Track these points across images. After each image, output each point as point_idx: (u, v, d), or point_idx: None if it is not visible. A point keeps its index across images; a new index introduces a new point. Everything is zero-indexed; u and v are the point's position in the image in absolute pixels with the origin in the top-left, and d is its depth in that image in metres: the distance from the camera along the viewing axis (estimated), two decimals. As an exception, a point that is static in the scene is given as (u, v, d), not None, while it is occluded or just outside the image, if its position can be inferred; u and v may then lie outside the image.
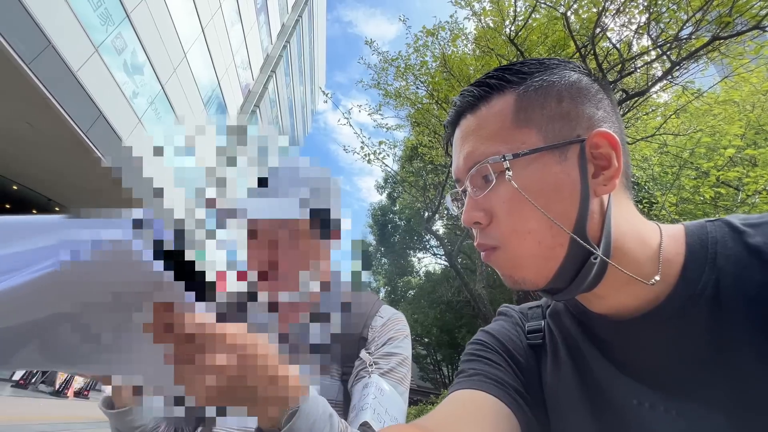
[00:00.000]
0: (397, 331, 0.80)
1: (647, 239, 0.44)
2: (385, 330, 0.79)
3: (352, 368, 0.75)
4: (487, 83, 0.48)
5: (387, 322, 0.81)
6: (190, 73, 8.62)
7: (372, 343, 0.77)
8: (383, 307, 0.85)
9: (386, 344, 0.77)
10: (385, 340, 0.77)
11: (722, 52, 4.37)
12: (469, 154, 0.48)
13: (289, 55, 16.61)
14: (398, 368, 0.75)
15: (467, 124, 0.49)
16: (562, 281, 0.44)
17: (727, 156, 5.15)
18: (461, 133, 0.50)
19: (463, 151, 0.49)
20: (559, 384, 0.52)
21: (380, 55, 7.20)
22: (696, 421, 0.38)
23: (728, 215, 0.46)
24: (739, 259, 0.40)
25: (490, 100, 0.48)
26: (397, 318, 0.83)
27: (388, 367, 0.74)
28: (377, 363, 0.73)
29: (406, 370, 0.77)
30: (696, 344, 0.39)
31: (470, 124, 0.49)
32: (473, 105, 0.49)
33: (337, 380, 0.74)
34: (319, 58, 27.31)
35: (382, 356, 0.75)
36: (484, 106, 0.48)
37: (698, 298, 0.40)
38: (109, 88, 6.11)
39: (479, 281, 7.81)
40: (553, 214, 0.42)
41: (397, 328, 0.81)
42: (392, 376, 0.73)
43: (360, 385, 0.69)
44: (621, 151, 0.43)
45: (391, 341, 0.78)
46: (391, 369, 0.74)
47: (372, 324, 0.80)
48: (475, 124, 0.48)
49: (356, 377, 0.73)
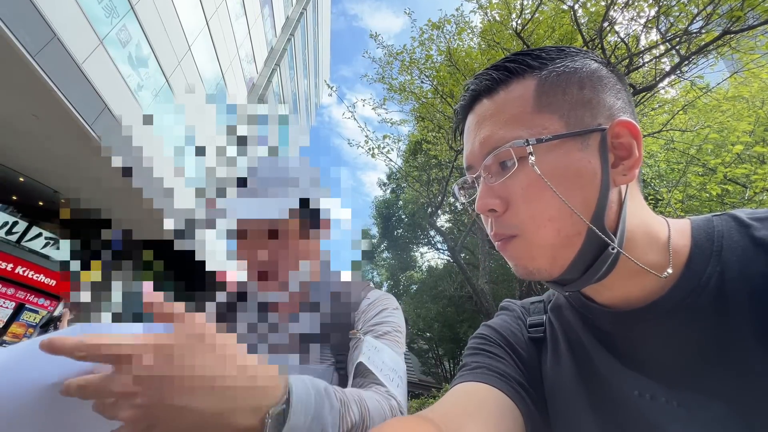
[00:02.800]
0: (385, 305, 0.80)
1: (656, 232, 0.44)
2: (373, 306, 0.79)
3: (345, 356, 0.75)
4: (506, 67, 0.47)
5: (374, 301, 0.81)
6: (194, 66, 8.61)
7: (359, 321, 0.76)
8: (371, 291, 0.85)
9: (376, 316, 0.76)
10: (374, 314, 0.77)
11: (732, 47, 4.31)
12: (486, 139, 0.46)
13: (293, 48, 16.53)
14: (392, 333, 0.75)
15: (483, 108, 0.48)
16: (576, 271, 0.43)
17: (734, 153, 5.08)
18: (476, 117, 0.48)
19: (479, 136, 0.47)
20: (559, 376, 0.53)
21: (385, 48, 7.15)
22: (697, 410, 0.38)
23: (736, 210, 0.46)
24: (745, 251, 0.40)
25: (509, 84, 0.46)
26: (385, 296, 0.83)
27: (381, 332, 0.73)
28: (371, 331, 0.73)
29: (400, 336, 0.76)
30: (699, 335, 0.39)
31: (487, 109, 0.47)
32: (490, 89, 0.47)
33: (332, 367, 0.75)
34: (323, 52, 27.17)
35: (374, 325, 0.74)
36: (502, 90, 0.46)
37: (702, 290, 0.40)
38: (114, 80, 6.12)
39: (482, 276, 7.81)
40: (573, 202, 0.41)
41: (385, 303, 0.80)
42: (387, 339, 0.72)
43: (355, 354, 0.68)
44: (641, 142, 0.43)
45: (381, 313, 0.77)
46: (385, 333, 0.73)
47: (360, 308, 0.80)
48: (492, 108, 0.46)
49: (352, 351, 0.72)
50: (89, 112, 5.57)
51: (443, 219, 13.66)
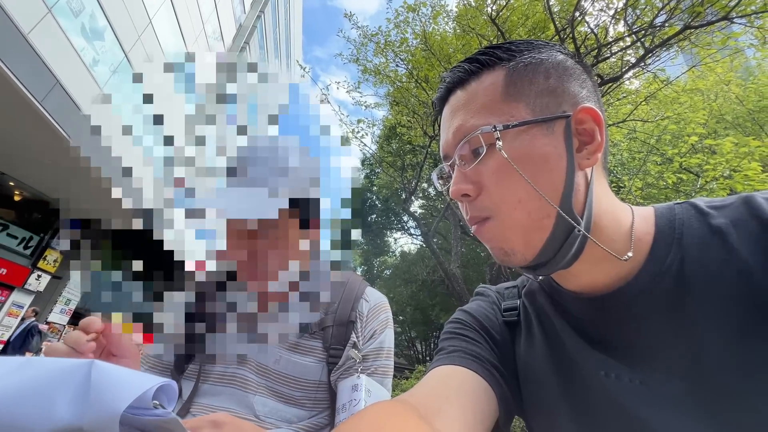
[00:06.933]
0: (380, 322, 0.82)
1: (621, 219, 0.47)
2: (370, 320, 0.81)
3: (338, 350, 0.76)
4: (478, 59, 0.49)
5: (372, 310, 0.82)
6: (156, 41, 8.09)
7: (359, 334, 0.78)
8: (368, 289, 0.86)
9: (371, 338, 0.79)
10: (370, 334, 0.80)
11: (692, 41, 4.52)
12: (459, 128, 0.48)
13: (263, 26, 15.82)
14: (383, 362, 0.79)
15: (457, 99, 0.50)
16: (547, 254, 0.45)
17: (690, 143, 5.40)
18: (450, 108, 0.51)
19: (453, 125, 0.49)
20: (531, 358, 0.55)
21: (360, 29, 6.99)
22: (657, 387, 0.41)
23: (695, 198, 0.48)
24: (703, 238, 0.42)
25: (480, 75, 0.48)
26: (381, 306, 0.85)
27: (374, 366, 0.77)
28: (365, 360, 0.76)
29: (390, 362, 0.81)
30: (661, 318, 0.42)
31: (460, 99, 0.49)
32: (463, 80, 0.50)
33: (323, 362, 0.75)
34: (295, 31, 26.21)
35: (368, 353, 0.77)
36: (474, 81, 0.49)
37: (664, 275, 0.42)
38: (66, 53, 5.64)
39: (454, 261, 7.99)
40: (541, 185, 0.43)
41: (380, 319, 0.83)
42: (378, 373, 0.76)
43: (348, 383, 0.71)
44: (604, 127, 0.45)
45: (375, 336, 0.80)
46: (377, 367, 0.77)
47: (358, 309, 0.81)
48: (465, 98, 0.49)
49: (344, 371, 0.75)
50: (38, 88, 5.14)
51: (417, 205, 13.79)
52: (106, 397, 0.37)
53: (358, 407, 0.67)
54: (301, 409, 0.73)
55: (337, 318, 0.78)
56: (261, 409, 0.70)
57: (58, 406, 0.37)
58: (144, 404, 0.38)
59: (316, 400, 0.74)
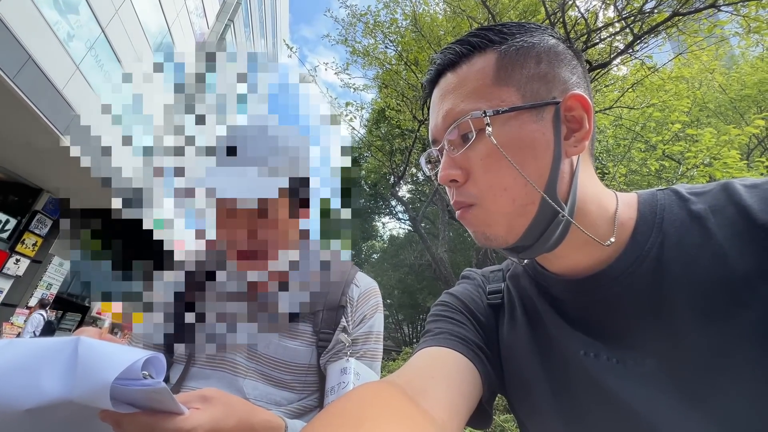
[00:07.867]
0: (370, 307, 0.83)
1: (605, 204, 0.48)
2: (360, 305, 0.82)
3: (328, 334, 0.77)
4: (469, 41, 0.48)
5: (362, 295, 0.83)
6: (135, 16, 7.72)
7: (349, 319, 0.79)
8: (358, 274, 0.86)
9: (361, 323, 0.80)
10: (359, 319, 0.80)
11: (680, 28, 4.55)
12: (449, 112, 0.47)
13: (248, 3, 15.25)
14: (372, 346, 0.80)
15: (447, 82, 0.49)
16: (530, 238, 0.46)
17: (673, 131, 5.49)
18: (440, 91, 0.50)
19: (443, 109, 0.49)
20: (514, 339, 0.56)
21: (348, 9, 6.81)
22: (633, 366, 0.43)
23: (677, 185, 0.50)
24: (683, 223, 0.43)
25: (471, 58, 0.48)
26: (371, 291, 0.85)
27: (363, 349, 0.78)
28: (354, 344, 0.77)
29: (379, 346, 0.82)
30: (639, 300, 0.44)
31: (450, 82, 0.49)
32: (454, 63, 0.49)
33: (313, 346, 0.76)
34: (282, 9, 25.37)
35: (358, 337, 0.78)
36: (465, 64, 0.48)
37: (644, 259, 0.44)
38: (38, 27, 5.35)
39: (441, 245, 8.07)
40: (527, 172, 0.43)
41: (370, 304, 0.83)
42: (367, 356, 0.78)
43: (337, 366, 0.72)
44: (592, 114, 0.45)
45: (365, 320, 0.81)
46: (366, 351, 0.78)
47: (349, 293, 0.81)
48: (455, 82, 0.48)
49: (333, 355, 0.76)
50: (10, 64, 4.89)
51: (405, 189, 13.79)
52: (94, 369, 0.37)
53: (347, 390, 0.68)
54: (291, 392, 0.74)
55: (327, 302, 0.78)
56: (251, 393, 0.71)
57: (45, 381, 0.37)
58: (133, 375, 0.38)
59: (305, 383, 0.75)
